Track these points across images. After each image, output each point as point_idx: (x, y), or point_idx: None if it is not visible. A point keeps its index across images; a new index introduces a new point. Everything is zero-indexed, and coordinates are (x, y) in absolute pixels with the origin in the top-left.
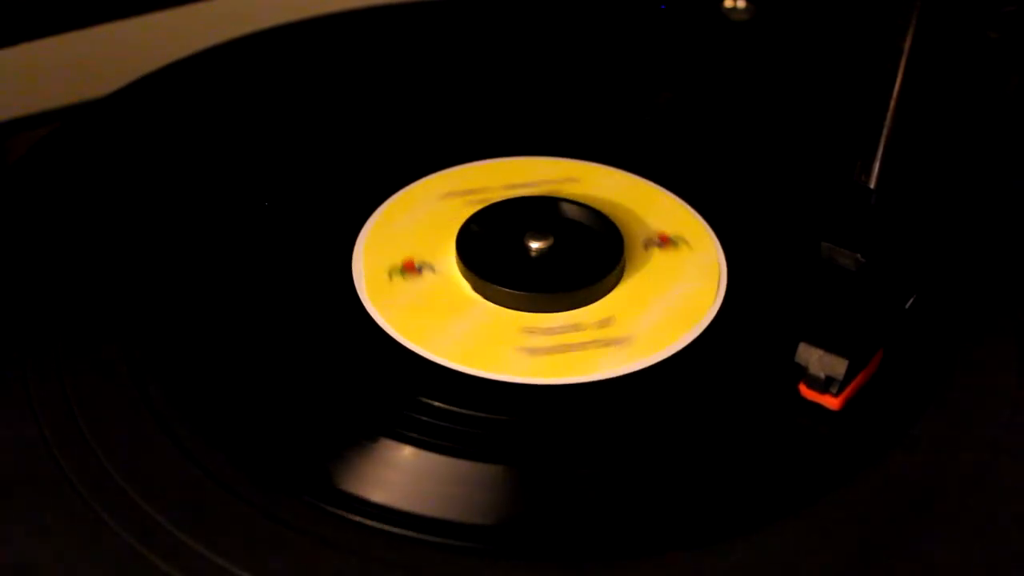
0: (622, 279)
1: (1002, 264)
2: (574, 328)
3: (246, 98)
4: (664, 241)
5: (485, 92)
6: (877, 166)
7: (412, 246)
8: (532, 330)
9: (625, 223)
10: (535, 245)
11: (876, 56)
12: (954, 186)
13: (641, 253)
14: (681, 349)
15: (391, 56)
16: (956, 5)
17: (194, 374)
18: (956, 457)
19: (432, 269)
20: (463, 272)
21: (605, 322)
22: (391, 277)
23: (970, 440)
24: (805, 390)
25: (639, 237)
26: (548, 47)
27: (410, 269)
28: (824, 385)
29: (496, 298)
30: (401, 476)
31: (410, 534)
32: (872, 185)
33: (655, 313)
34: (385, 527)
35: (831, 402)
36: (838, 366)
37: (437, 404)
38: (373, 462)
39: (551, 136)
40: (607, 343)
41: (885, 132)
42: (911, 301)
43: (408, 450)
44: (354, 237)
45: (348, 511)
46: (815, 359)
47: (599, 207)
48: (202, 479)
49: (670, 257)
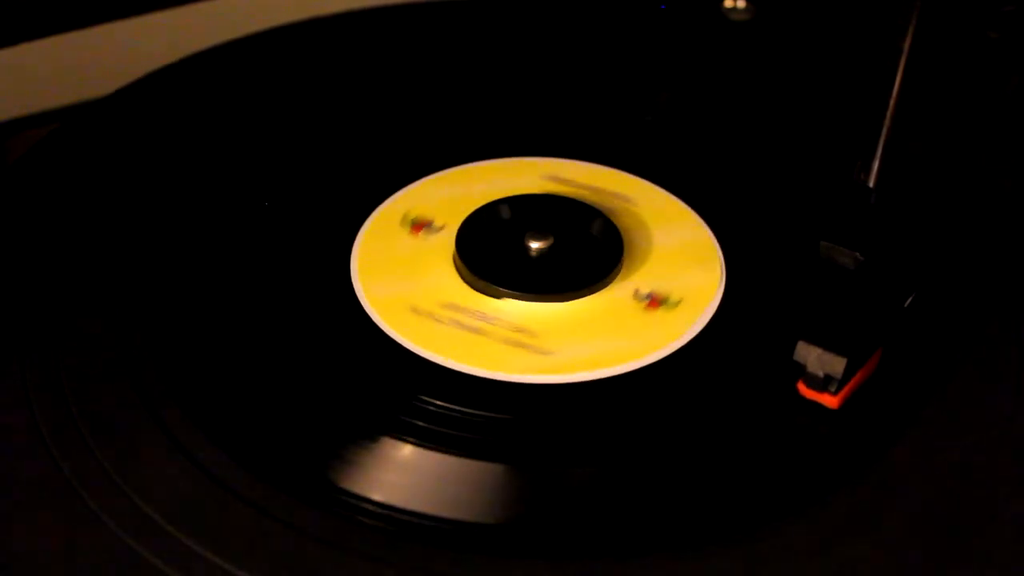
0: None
1: (1002, 263)
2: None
3: (246, 98)
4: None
5: (485, 92)
6: (876, 165)
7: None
8: (474, 314)
9: (624, 222)
10: (535, 245)
11: (876, 56)
12: (953, 185)
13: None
14: (680, 348)
15: (391, 56)
16: (956, 5)
17: (194, 374)
18: (955, 456)
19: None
20: (463, 272)
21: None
22: (402, 224)
23: (969, 439)
24: (804, 389)
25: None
26: (548, 47)
27: (420, 227)
28: (823, 384)
29: (496, 298)
30: (401, 476)
31: (410, 534)
32: (871, 184)
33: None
34: (385, 527)
35: (829, 401)
36: (837, 365)
37: (437, 404)
38: (373, 462)
39: (551, 136)
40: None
41: (885, 132)
42: (910, 300)
43: (408, 449)
44: (354, 237)
45: (348, 511)
46: (814, 357)
47: (599, 207)
48: (202, 479)
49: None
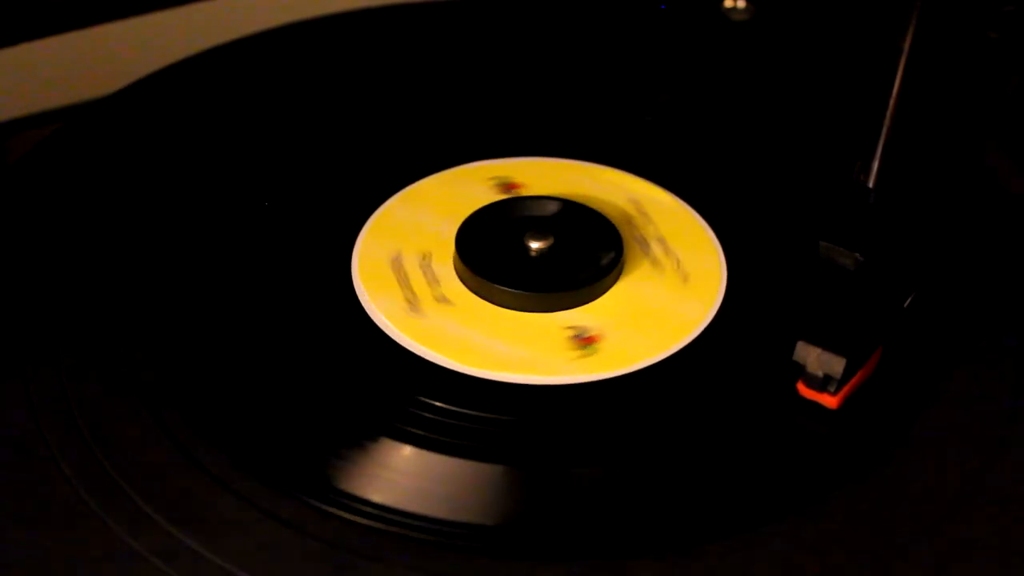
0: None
1: (1001, 262)
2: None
3: (246, 98)
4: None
5: (485, 92)
6: (876, 165)
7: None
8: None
9: (624, 223)
10: (535, 245)
11: (876, 56)
12: (953, 186)
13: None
14: (680, 348)
15: (391, 56)
16: (956, 5)
17: (194, 374)
18: (955, 456)
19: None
20: (463, 272)
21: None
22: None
23: (969, 439)
24: (803, 389)
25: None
26: (548, 47)
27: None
28: (822, 384)
29: (496, 298)
30: (401, 476)
31: (410, 534)
32: (871, 184)
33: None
34: (385, 527)
35: (829, 401)
36: (836, 365)
37: (437, 404)
38: (373, 462)
39: (551, 136)
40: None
41: (884, 132)
42: (910, 300)
43: (408, 450)
44: (354, 237)
45: (348, 511)
46: (813, 357)
47: (598, 207)
48: (202, 478)
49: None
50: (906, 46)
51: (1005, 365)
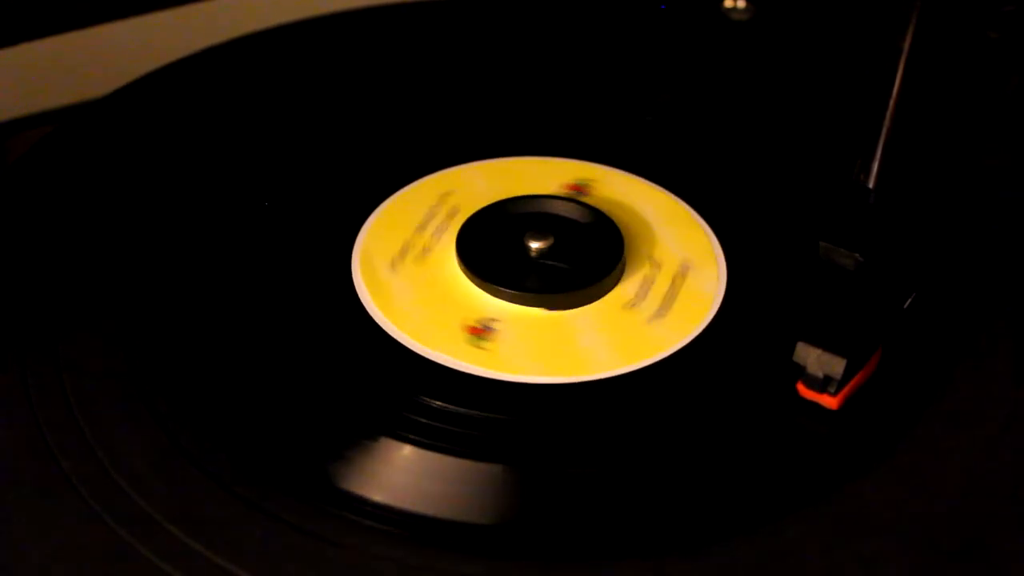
0: (621, 279)
1: (1001, 263)
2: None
3: (246, 98)
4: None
5: (485, 92)
6: (876, 166)
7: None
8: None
9: (625, 223)
10: (535, 245)
11: (876, 56)
12: (953, 186)
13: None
14: (680, 348)
15: (391, 56)
16: (956, 5)
17: (194, 374)
18: (955, 456)
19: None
20: (462, 272)
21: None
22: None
23: (969, 439)
24: (803, 389)
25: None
26: (548, 47)
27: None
28: (822, 384)
29: (496, 298)
30: (401, 476)
31: (410, 534)
32: (871, 185)
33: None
34: (385, 527)
35: (829, 401)
36: (836, 365)
37: (437, 403)
38: (373, 462)
39: (551, 136)
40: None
41: (884, 132)
42: (909, 300)
43: (408, 449)
44: (354, 237)
45: (348, 511)
46: (813, 358)
47: (599, 207)
48: (202, 479)
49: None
50: (906, 46)
51: (1005, 365)
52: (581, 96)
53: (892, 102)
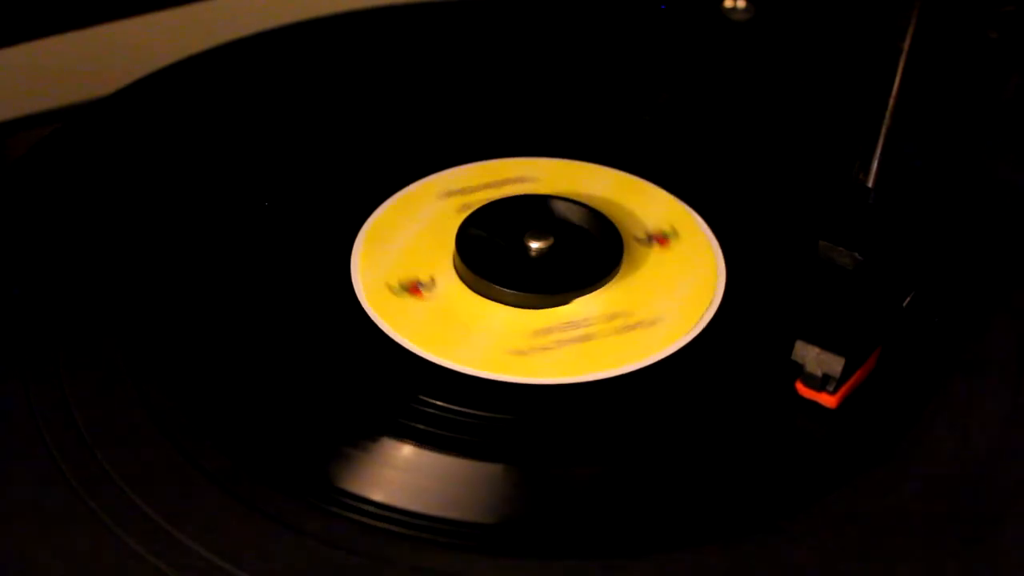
0: (619, 279)
1: (1001, 263)
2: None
3: (246, 98)
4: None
5: (485, 92)
6: (875, 165)
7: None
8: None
9: (625, 223)
10: (535, 245)
11: (876, 56)
12: (952, 186)
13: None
14: (679, 348)
15: (391, 56)
16: (956, 5)
17: (194, 374)
18: (954, 456)
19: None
20: (463, 272)
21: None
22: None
23: (968, 439)
24: (802, 388)
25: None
26: (548, 47)
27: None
28: (821, 383)
29: (496, 298)
30: (401, 475)
31: (410, 533)
32: (870, 184)
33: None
34: (385, 527)
35: (827, 400)
36: (835, 364)
37: (437, 403)
38: (373, 462)
39: (551, 136)
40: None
41: (884, 132)
42: (909, 300)
43: (408, 449)
44: (354, 237)
45: (348, 511)
46: (812, 357)
47: (598, 207)
48: (201, 479)
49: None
50: (906, 46)
51: (1005, 365)
52: (580, 96)
53: (892, 102)
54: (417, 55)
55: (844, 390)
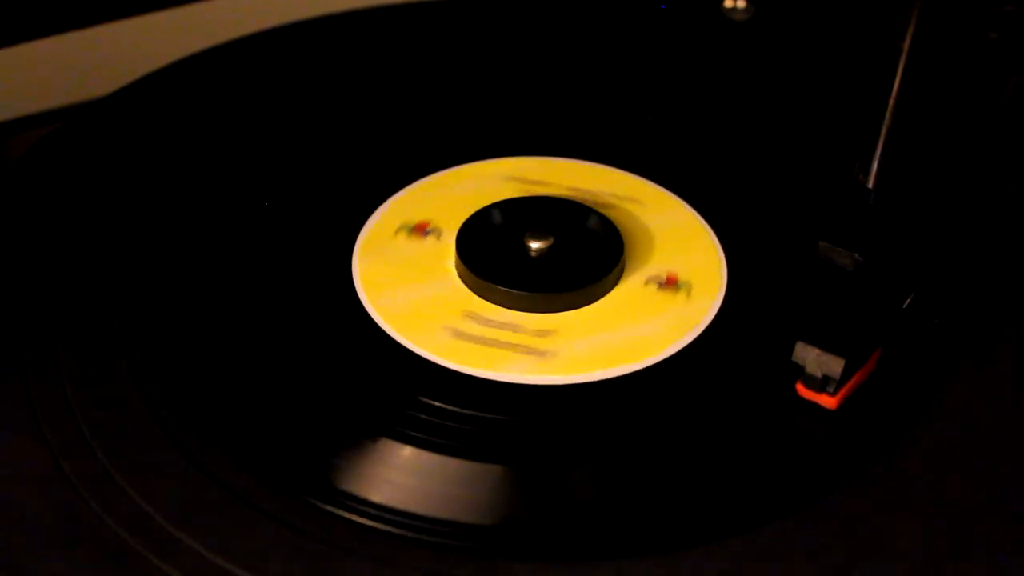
0: (621, 279)
1: (1001, 263)
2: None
3: (246, 98)
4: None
5: (485, 92)
6: (875, 166)
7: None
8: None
9: (625, 223)
10: (535, 245)
11: (876, 56)
12: (952, 185)
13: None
14: (680, 349)
15: (391, 56)
16: (956, 5)
17: (194, 374)
18: (954, 457)
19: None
20: (463, 272)
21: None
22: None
23: (969, 439)
24: (802, 389)
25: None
26: (549, 47)
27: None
28: (821, 384)
29: (496, 298)
30: (401, 476)
31: (410, 534)
32: (870, 185)
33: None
34: (385, 527)
35: (828, 401)
36: (835, 365)
37: (437, 404)
38: (373, 462)
39: (551, 136)
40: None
41: (884, 132)
42: (909, 300)
43: (408, 450)
44: (354, 237)
45: (348, 511)
46: (812, 358)
47: (598, 207)
48: (202, 479)
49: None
50: (906, 46)
51: (1005, 366)
52: (581, 96)
53: (892, 102)
54: (417, 55)
55: (844, 391)
